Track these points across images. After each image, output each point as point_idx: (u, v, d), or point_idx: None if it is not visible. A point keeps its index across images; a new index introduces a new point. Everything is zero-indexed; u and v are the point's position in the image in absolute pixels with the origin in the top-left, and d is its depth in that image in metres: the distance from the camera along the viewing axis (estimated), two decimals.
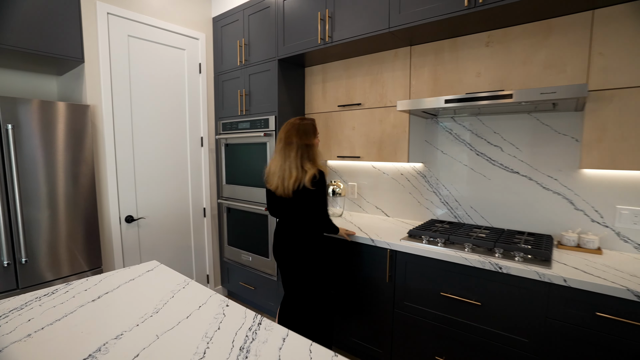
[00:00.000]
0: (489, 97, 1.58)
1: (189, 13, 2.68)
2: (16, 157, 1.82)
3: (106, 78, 2.23)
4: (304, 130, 1.76)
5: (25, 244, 1.88)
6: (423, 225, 2.10)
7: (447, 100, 1.72)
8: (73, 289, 1.26)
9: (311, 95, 2.61)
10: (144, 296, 1.20)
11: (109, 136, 2.27)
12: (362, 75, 2.30)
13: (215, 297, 1.20)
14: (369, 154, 2.28)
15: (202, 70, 2.79)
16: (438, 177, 2.27)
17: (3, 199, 1.79)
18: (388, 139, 2.18)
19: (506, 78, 1.77)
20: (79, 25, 2.09)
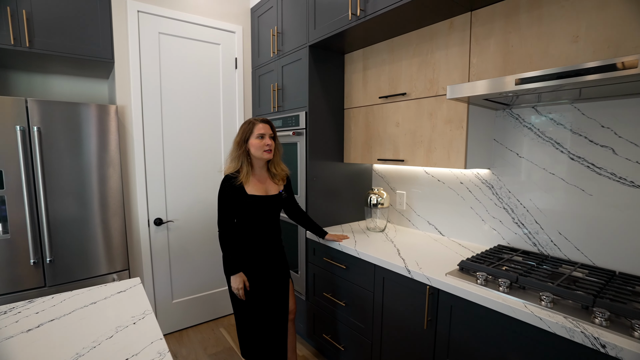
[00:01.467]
0: (601, 69, 0.99)
1: (225, 5, 2.52)
2: (42, 159, 1.85)
3: (136, 77, 2.18)
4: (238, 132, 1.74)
5: (52, 244, 1.91)
6: (485, 254, 1.55)
7: (522, 80, 1.17)
8: (27, 309, 1.13)
9: (351, 87, 2.21)
10: (85, 328, 1.00)
11: (138, 137, 2.22)
12: (408, 58, 1.82)
13: (153, 347, 0.93)
14: (414, 156, 1.80)
15: (238, 65, 2.61)
16: (511, 188, 1.68)
17: (31, 199, 1.83)
18: (439, 138, 1.67)
19: (623, 41, 1.14)
20: (109, 26, 2.07)
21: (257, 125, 1.65)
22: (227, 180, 1.62)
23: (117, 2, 2.09)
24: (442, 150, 1.66)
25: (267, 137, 1.65)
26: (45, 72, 2.30)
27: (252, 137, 1.64)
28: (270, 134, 1.67)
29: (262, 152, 1.64)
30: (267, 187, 1.71)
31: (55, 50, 1.92)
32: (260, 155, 1.64)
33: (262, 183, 1.70)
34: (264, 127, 1.65)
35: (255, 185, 1.67)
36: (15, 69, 2.19)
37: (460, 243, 1.88)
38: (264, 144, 1.63)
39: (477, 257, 1.51)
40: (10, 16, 1.78)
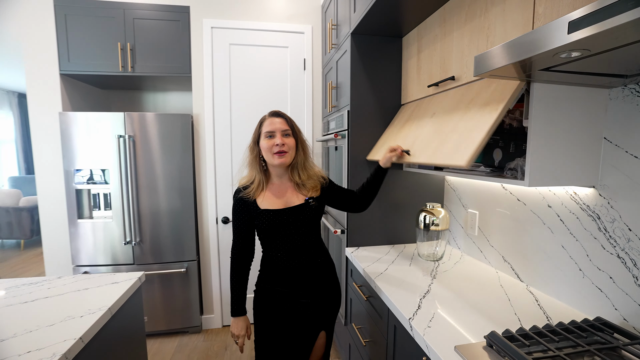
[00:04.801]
0: None
1: (294, 6, 2.49)
2: (134, 161, 2.27)
3: (208, 87, 2.41)
4: None
5: (140, 229, 2.33)
6: (554, 330, 0.93)
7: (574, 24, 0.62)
8: (49, 283, 1.36)
9: (407, 77, 1.78)
10: (48, 310, 1.12)
11: (209, 142, 2.45)
12: (459, 27, 1.31)
13: (61, 345, 0.93)
14: (422, 150, 1.26)
15: (307, 66, 2.53)
16: (632, 223, 0.96)
17: (127, 192, 2.28)
18: (461, 126, 1.11)
19: None
20: (188, 45, 2.37)
21: (266, 121, 1.27)
22: (237, 194, 1.30)
23: (195, 24, 2.36)
24: (455, 141, 1.11)
25: (279, 135, 1.23)
26: (163, 90, 2.86)
27: (262, 136, 1.26)
28: (284, 129, 1.25)
29: (272, 155, 1.24)
30: (287, 199, 1.29)
31: (149, 72, 2.33)
32: (270, 160, 1.26)
33: (282, 195, 1.30)
34: (273, 122, 1.25)
35: (271, 198, 1.28)
36: (120, 88, 2.85)
37: (538, 299, 1.22)
38: (272, 145, 1.23)
39: (535, 332, 0.93)
40: (120, 49, 2.26)
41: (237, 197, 1.30)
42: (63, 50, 2.23)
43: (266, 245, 1.31)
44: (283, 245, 1.28)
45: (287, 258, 1.28)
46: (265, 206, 1.26)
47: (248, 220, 1.29)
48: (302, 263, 1.29)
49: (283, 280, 1.29)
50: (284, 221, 1.26)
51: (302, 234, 1.29)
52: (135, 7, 2.26)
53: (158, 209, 2.35)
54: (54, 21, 2.20)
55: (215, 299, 2.57)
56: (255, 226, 1.30)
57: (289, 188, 1.32)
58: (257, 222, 1.27)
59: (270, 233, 1.27)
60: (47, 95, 2.25)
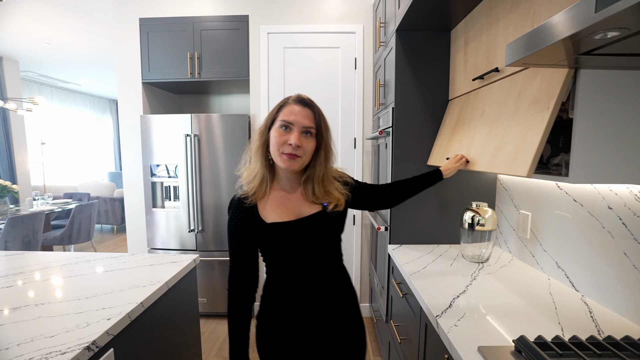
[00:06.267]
0: None
1: (347, 7, 2.54)
2: (199, 158, 2.54)
3: (264, 89, 2.59)
4: None
5: (203, 219, 2.59)
6: (595, 342, 0.85)
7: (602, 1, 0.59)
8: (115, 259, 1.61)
9: (454, 71, 1.72)
10: (127, 277, 1.33)
11: None
12: (505, 15, 1.23)
13: (125, 307, 1.12)
14: (481, 155, 1.21)
15: (358, 65, 2.56)
16: None
17: (192, 185, 2.56)
18: (515, 128, 1.05)
19: None
20: (247, 50, 2.57)
21: (287, 106, 0.94)
22: (235, 205, 0.97)
23: (253, 31, 2.55)
24: (511, 147, 1.03)
25: (296, 132, 0.91)
26: (227, 94, 3.15)
27: (275, 124, 0.94)
28: (306, 126, 0.92)
29: (280, 154, 0.92)
30: (300, 207, 0.99)
31: (213, 77, 2.58)
32: (275, 159, 0.94)
33: (292, 202, 0.99)
34: (295, 111, 0.92)
35: (278, 207, 0.97)
36: (190, 93, 3.19)
37: (592, 310, 1.09)
38: (284, 141, 0.91)
39: (574, 342, 0.85)
40: (189, 58, 2.55)
41: (236, 207, 0.97)
42: (145, 61, 2.59)
43: (273, 269, 1.00)
44: (296, 268, 0.98)
45: (301, 284, 0.98)
46: (272, 218, 0.95)
47: (250, 236, 0.97)
48: (320, 291, 0.99)
49: (295, 314, 0.97)
50: (298, 237, 0.95)
51: (320, 253, 1.00)
52: (202, 20, 2.53)
53: (218, 201, 2.59)
54: (138, 38, 2.57)
55: None
56: (259, 245, 0.98)
57: (302, 198, 1.01)
58: (263, 240, 0.95)
59: (280, 253, 0.96)
60: (132, 101, 2.64)
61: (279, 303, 0.99)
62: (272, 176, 1.00)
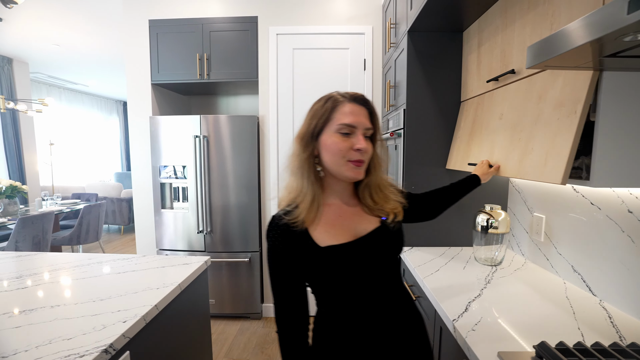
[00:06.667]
0: None
1: (356, 8, 2.53)
2: (207, 159, 2.54)
3: (273, 90, 2.59)
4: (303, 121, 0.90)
5: (211, 221, 2.60)
6: (620, 349, 0.84)
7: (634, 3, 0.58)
8: (126, 261, 1.62)
9: (467, 73, 1.70)
10: (137, 281, 1.34)
11: (273, 141, 2.63)
12: (521, 16, 1.22)
13: (140, 309, 1.12)
14: (507, 161, 1.19)
15: (367, 66, 2.55)
16: None
17: (200, 186, 2.57)
18: (541, 132, 1.04)
19: None
20: (255, 52, 2.57)
21: (342, 106, 0.80)
22: (279, 229, 0.79)
23: (262, 32, 2.55)
24: (539, 152, 1.01)
25: (360, 134, 0.80)
26: (235, 94, 3.16)
27: (329, 129, 0.81)
28: (367, 126, 0.82)
29: (345, 162, 0.80)
30: (356, 225, 0.85)
31: (222, 78, 2.59)
32: (338, 170, 0.81)
33: (346, 219, 0.85)
34: (356, 112, 0.80)
35: (331, 227, 0.82)
36: (198, 94, 3.18)
37: (612, 316, 1.08)
38: (349, 147, 0.79)
39: (597, 349, 0.84)
40: (198, 59, 2.56)
41: (279, 231, 0.79)
42: (154, 63, 2.60)
43: (327, 300, 0.83)
44: (356, 297, 0.81)
45: (364, 314, 0.82)
46: (326, 240, 0.80)
47: (302, 266, 0.79)
48: (387, 319, 0.83)
49: (359, 349, 0.81)
50: (358, 260, 0.81)
51: (384, 275, 0.85)
52: (211, 21, 2.53)
53: (227, 203, 2.59)
54: (148, 39, 2.59)
55: None
56: (312, 274, 0.80)
57: (353, 209, 0.88)
58: (317, 268, 0.79)
59: (338, 281, 0.80)
60: (141, 102, 2.65)
61: (338, 338, 0.81)
62: (322, 192, 0.84)
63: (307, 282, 0.82)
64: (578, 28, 0.66)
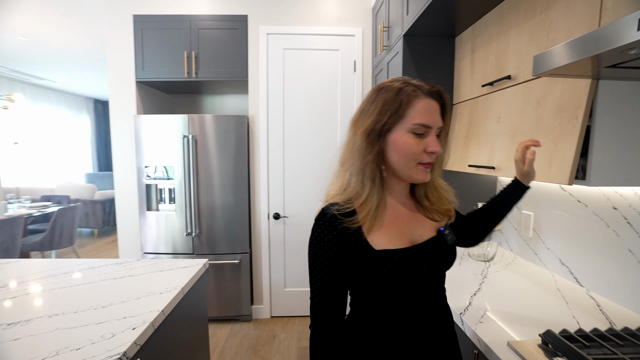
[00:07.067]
0: None
1: (346, 10, 2.56)
2: (196, 159, 2.49)
3: (263, 90, 2.57)
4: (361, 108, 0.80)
5: (200, 222, 2.54)
6: (616, 333, 0.91)
7: None
8: (121, 265, 1.56)
9: (459, 77, 1.77)
10: (134, 287, 1.29)
11: (263, 142, 2.61)
12: (517, 25, 1.29)
13: (147, 315, 1.09)
14: (509, 163, 1.26)
15: (357, 68, 2.59)
16: None
17: (188, 188, 2.51)
18: (542, 136, 1.10)
19: None
20: (245, 51, 2.54)
21: (418, 101, 0.72)
22: (329, 222, 0.73)
23: (252, 31, 2.52)
24: (543, 154, 1.08)
25: (434, 135, 0.75)
26: (221, 94, 3.10)
27: (401, 127, 0.73)
28: (440, 125, 0.76)
29: (415, 165, 0.75)
30: (412, 230, 0.80)
31: (210, 77, 2.54)
32: (406, 172, 0.75)
33: (402, 223, 0.80)
34: (432, 110, 0.74)
35: (387, 230, 0.76)
36: (183, 92, 3.10)
37: (600, 304, 1.17)
38: (422, 149, 0.73)
39: (596, 334, 0.91)
40: (186, 57, 2.49)
41: (330, 226, 0.73)
42: (139, 60, 2.51)
43: (365, 304, 0.78)
44: (398, 306, 0.76)
45: (401, 325, 0.77)
46: (382, 244, 0.74)
47: (350, 266, 0.74)
48: (422, 334, 0.78)
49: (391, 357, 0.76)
50: (414, 269, 0.75)
51: (429, 287, 0.79)
52: (199, 19, 2.47)
53: (216, 204, 2.54)
54: (132, 35, 2.49)
55: (265, 290, 2.72)
56: (361, 278, 0.74)
57: (410, 212, 0.83)
58: (367, 271, 0.73)
59: (385, 287, 0.74)
60: (125, 101, 2.55)
61: (370, 343, 0.77)
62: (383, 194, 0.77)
63: (350, 281, 0.76)
64: (588, 40, 0.72)
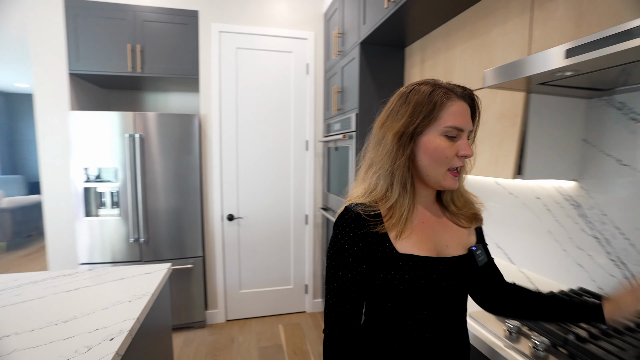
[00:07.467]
0: None
1: (299, 14, 2.62)
2: (142, 160, 2.33)
3: (215, 89, 2.50)
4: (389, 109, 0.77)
5: (148, 227, 2.38)
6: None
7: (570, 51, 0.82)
8: (73, 277, 1.43)
9: (409, 83, 1.96)
10: (98, 298, 1.20)
11: (216, 142, 2.54)
12: (462, 42, 1.50)
13: (122, 324, 1.03)
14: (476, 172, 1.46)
15: (310, 70, 2.67)
16: (607, 210, 1.17)
17: (133, 191, 2.33)
18: (488, 139, 1.31)
19: None
20: (196, 48, 2.45)
21: (451, 103, 0.70)
22: (352, 222, 0.71)
23: (203, 28, 2.45)
24: (489, 154, 1.29)
25: (465, 138, 0.72)
26: (165, 91, 2.91)
27: (434, 129, 0.70)
28: (472, 128, 0.74)
29: (445, 171, 0.72)
30: (438, 241, 0.76)
31: (158, 73, 2.39)
32: (436, 179, 0.73)
33: (428, 231, 0.76)
34: (464, 112, 0.72)
35: (413, 234, 0.73)
36: (123, 88, 2.86)
37: (530, 277, 1.42)
38: (454, 153, 0.71)
39: None
40: (130, 51, 2.31)
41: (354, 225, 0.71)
42: (72, 50, 2.25)
43: (381, 313, 0.75)
44: (425, 322, 0.73)
45: (417, 339, 0.73)
46: (406, 248, 0.71)
47: (370, 269, 0.71)
48: (438, 351, 0.74)
49: None
50: (438, 281, 0.72)
51: (455, 308, 0.76)
52: (145, 10, 2.32)
53: (165, 207, 2.41)
54: (63, 21, 2.23)
55: (220, 294, 2.65)
56: (382, 282, 0.71)
57: (435, 217, 0.79)
58: (389, 275, 0.70)
59: (405, 294, 0.71)
60: (55, 95, 2.27)
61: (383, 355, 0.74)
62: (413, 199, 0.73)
63: (369, 286, 0.73)
64: (531, 62, 0.90)
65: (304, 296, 2.85)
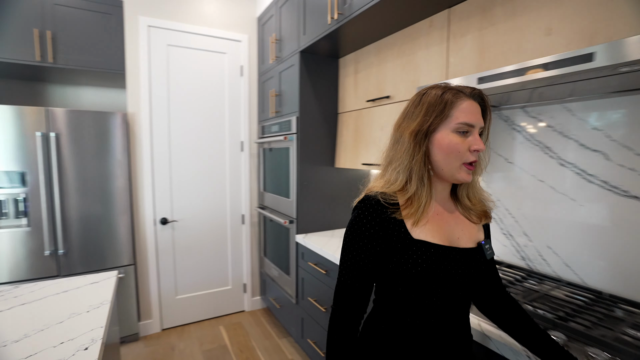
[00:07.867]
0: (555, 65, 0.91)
1: (233, 16, 2.64)
2: (58, 161, 2.07)
3: (145, 87, 2.36)
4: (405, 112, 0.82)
5: (68, 237, 2.12)
6: None
7: (480, 80, 1.10)
8: (9, 293, 1.26)
9: (344, 91, 2.19)
10: (46, 313, 1.10)
11: (146, 142, 2.40)
12: (392, 59, 1.77)
13: (90, 334, 0.99)
14: None
15: (244, 72, 2.71)
16: (499, 196, 1.55)
17: (48, 197, 2.06)
18: None
19: (597, 32, 1.01)
20: (121, 40, 2.27)
21: (461, 102, 0.75)
22: (372, 207, 0.75)
23: (129, 19, 2.28)
24: None
25: (476, 134, 0.77)
26: (77, 84, 2.58)
27: (446, 126, 0.76)
28: (482, 125, 0.79)
29: (459, 165, 0.77)
30: (450, 232, 0.81)
31: (74, 65, 2.15)
32: (451, 173, 0.78)
33: (442, 223, 0.81)
34: (474, 110, 0.76)
35: (429, 222, 0.78)
36: (48, 82, 2.49)
37: None
38: (466, 148, 0.76)
39: None
40: (38, 37, 2.03)
41: (374, 211, 0.75)
42: None
43: (397, 307, 0.79)
44: (433, 309, 0.77)
45: (422, 330, 0.78)
46: (420, 235, 0.76)
47: (384, 252, 0.76)
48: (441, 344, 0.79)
49: None
50: (448, 269, 0.76)
51: (463, 299, 0.81)
52: None
53: (89, 214, 2.18)
54: None
55: (154, 302, 2.50)
56: (394, 266, 0.76)
57: (449, 211, 0.83)
58: (404, 261, 0.74)
59: (420, 283, 0.75)
60: None
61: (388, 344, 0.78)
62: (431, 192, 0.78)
63: (381, 270, 0.78)
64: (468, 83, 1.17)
65: (243, 295, 2.88)
